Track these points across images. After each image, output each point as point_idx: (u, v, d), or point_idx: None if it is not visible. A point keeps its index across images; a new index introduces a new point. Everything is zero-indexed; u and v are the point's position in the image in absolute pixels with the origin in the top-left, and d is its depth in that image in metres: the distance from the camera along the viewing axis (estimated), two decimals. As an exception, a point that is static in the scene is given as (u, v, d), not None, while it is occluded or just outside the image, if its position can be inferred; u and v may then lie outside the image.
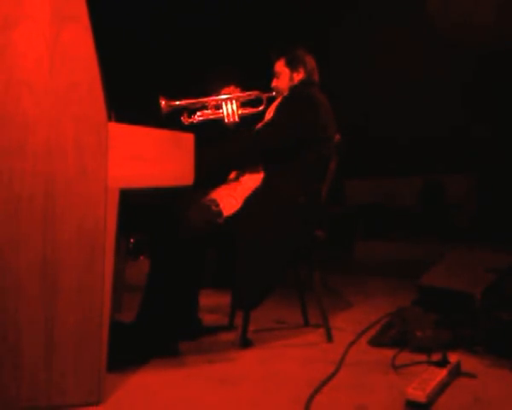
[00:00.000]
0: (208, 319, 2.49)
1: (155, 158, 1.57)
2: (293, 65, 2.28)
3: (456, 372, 1.69)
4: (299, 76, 2.28)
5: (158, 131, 1.59)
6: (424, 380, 1.51)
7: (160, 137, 1.59)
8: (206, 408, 1.51)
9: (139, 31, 5.40)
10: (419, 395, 1.42)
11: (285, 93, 2.26)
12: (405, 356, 1.92)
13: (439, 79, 5.46)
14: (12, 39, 1.42)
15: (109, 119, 1.52)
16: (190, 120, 2.23)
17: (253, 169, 2.15)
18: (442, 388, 1.56)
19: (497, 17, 5.11)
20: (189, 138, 1.63)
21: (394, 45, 5.54)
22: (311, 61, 2.32)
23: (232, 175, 2.24)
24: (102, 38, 1.59)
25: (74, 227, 1.47)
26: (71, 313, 1.46)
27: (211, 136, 2.18)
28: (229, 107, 2.23)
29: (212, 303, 2.85)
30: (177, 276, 2.01)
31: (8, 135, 1.42)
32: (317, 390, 1.59)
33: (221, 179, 2.21)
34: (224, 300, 2.69)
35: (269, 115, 2.24)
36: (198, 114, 2.25)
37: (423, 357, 1.88)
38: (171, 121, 2.12)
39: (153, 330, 2.00)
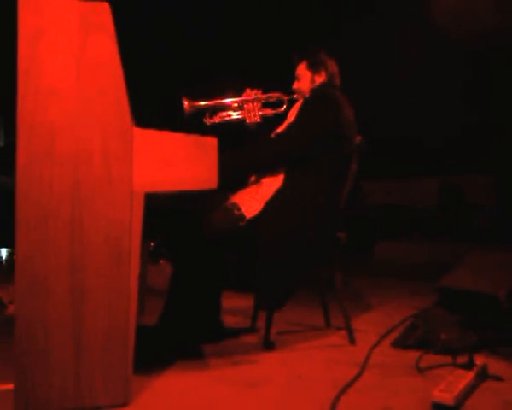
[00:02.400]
0: (230, 321, 2.50)
1: (180, 162, 1.59)
2: (314, 68, 2.28)
3: (483, 375, 1.67)
4: (320, 79, 2.29)
5: (182, 135, 1.61)
6: (451, 383, 1.50)
7: (184, 141, 1.61)
8: (233, 410, 1.52)
9: (158, 32, 5.46)
10: (446, 397, 1.41)
11: (306, 95, 2.27)
12: (430, 358, 1.91)
13: (455, 77, 5.41)
14: (41, 49, 1.45)
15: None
16: (212, 121, 2.25)
17: (274, 171, 2.16)
18: (469, 391, 1.55)
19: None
20: (212, 142, 1.65)
21: (407, 45, 5.51)
22: (332, 65, 2.32)
23: (253, 177, 2.25)
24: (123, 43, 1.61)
25: (101, 232, 1.49)
26: (98, 317, 1.49)
27: (233, 136, 2.19)
28: (250, 108, 2.25)
29: (234, 306, 2.86)
30: (199, 279, 2.02)
31: (37, 142, 1.45)
32: (342, 392, 1.58)
33: (243, 183, 2.22)
34: (245, 302, 2.70)
35: (291, 117, 2.24)
36: (220, 114, 2.27)
37: (448, 359, 1.86)
38: (192, 122, 2.14)
39: (176, 333, 2.02)
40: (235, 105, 2.27)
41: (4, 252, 5.01)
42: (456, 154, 5.51)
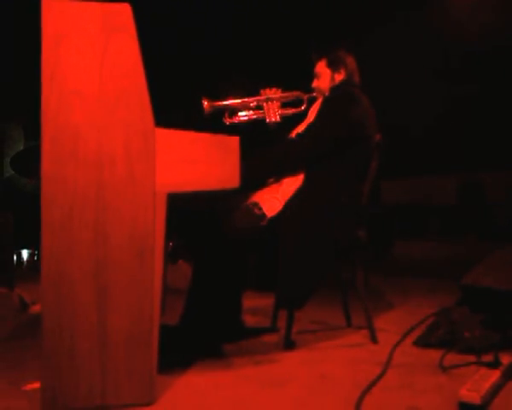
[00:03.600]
0: (250, 320, 2.51)
1: (202, 162, 1.59)
2: (334, 66, 2.27)
3: (509, 374, 1.65)
4: (340, 77, 2.27)
5: (204, 135, 1.61)
6: (477, 381, 1.48)
7: (206, 140, 1.61)
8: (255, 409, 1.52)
9: (178, 34, 5.49)
10: (473, 396, 1.39)
11: (326, 94, 2.26)
12: (453, 357, 1.89)
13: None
14: (64, 52, 1.47)
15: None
16: (232, 121, 2.25)
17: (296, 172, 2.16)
18: (496, 390, 1.52)
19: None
20: (234, 141, 1.65)
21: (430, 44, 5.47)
22: (352, 62, 2.30)
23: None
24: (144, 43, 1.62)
25: (125, 232, 1.50)
26: (122, 316, 1.50)
27: (252, 136, 2.19)
28: (270, 107, 2.25)
29: (255, 305, 2.86)
30: (220, 278, 2.02)
31: (61, 144, 1.47)
32: (366, 391, 1.57)
33: (264, 182, 2.21)
34: (266, 302, 2.70)
35: (311, 116, 2.24)
36: (239, 114, 2.27)
37: (472, 358, 1.84)
38: (212, 121, 2.14)
39: (197, 332, 2.02)
40: (255, 105, 2.27)
41: (25, 253, 5.08)
42: (477, 151, 5.45)
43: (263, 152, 2.15)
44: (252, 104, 2.27)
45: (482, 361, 1.73)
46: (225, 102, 2.23)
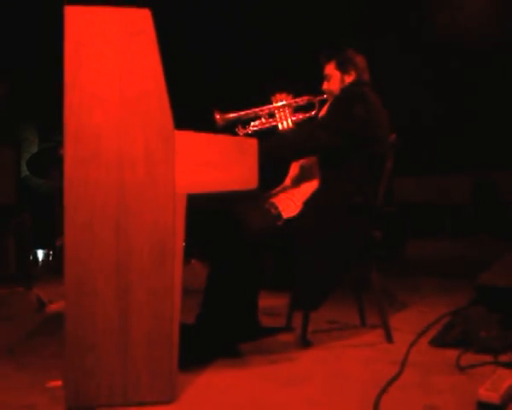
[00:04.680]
0: (266, 320, 2.53)
1: (220, 163, 1.62)
2: (343, 67, 2.27)
3: (527, 374, 1.65)
4: (350, 78, 2.27)
5: (222, 136, 1.64)
6: (496, 381, 1.49)
7: (224, 142, 1.64)
8: (273, 408, 1.54)
9: (188, 46, 5.53)
10: (492, 396, 1.40)
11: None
12: (470, 357, 1.89)
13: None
14: (86, 58, 1.50)
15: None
16: (245, 131, 2.26)
17: (309, 175, 2.17)
18: (515, 390, 1.53)
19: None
20: (252, 143, 1.67)
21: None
22: (361, 61, 2.30)
23: (288, 181, 2.27)
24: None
25: (145, 233, 1.53)
26: (143, 315, 1.53)
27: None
28: (282, 114, 2.26)
29: (270, 305, 2.88)
30: (236, 278, 2.04)
31: (83, 146, 1.50)
32: (383, 390, 1.59)
33: (276, 180, 2.23)
34: (281, 302, 2.72)
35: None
36: (252, 124, 2.28)
37: (489, 358, 1.85)
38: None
39: (213, 331, 2.05)
40: (267, 113, 2.28)
41: (41, 253, 5.14)
42: (490, 150, 5.42)
43: (279, 136, 2.15)
44: (264, 113, 2.28)
45: (499, 361, 1.74)
46: (237, 114, 2.24)
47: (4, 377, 1.77)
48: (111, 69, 1.52)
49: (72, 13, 1.51)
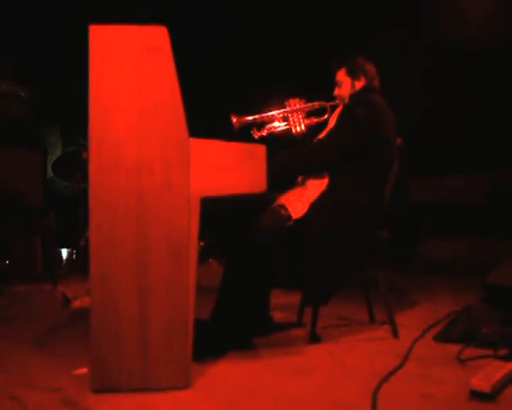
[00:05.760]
0: (278, 316, 2.65)
1: (232, 168, 1.75)
2: (354, 74, 2.37)
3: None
4: (360, 84, 2.37)
5: (233, 143, 1.77)
6: (489, 372, 1.57)
7: (235, 148, 1.77)
8: (283, 395, 1.65)
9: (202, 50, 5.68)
10: (484, 385, 1.49)
11: (347, 101, 2.37)
12: (471, 351, 1.97)
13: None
14: (108, 71, 1.64)
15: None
16: (260, 134, 2.38)
17: (317, 175, 2.28)
18: (508, 380, 1.61)
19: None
20: (261, 149, 1.80)
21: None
22: (371, 68, 2.40)
23: (299, 179, 2.37)
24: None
25: (162, 233, 1.67)
26: (161, 309, 1.66)
27: (281, 147, 2.32)
28: (295, 118, 2.38)
29: (282, 302, 3.00)
30: (249, 277, 2.14)
31: (105, 154, 1.65)
32: (384, 380, 1.69)
33: (287, 184, 2.34)
34: (292, 299, 2.84)
35: (331, 123, 2.36)
36: (267, 127, 2.40)
37: (489, 352, 1.92)
38: (240, 136, 2.28)
39: (227, 327, 2.16)
40: (281, 117, 2.40)
41: (65, 252, 5.35)
42: (506, 150, 5.42)
43: (291, 151, 2.27)
44: (278, 117, 2.39)
45: (498, 355, 1.82)
46: (253, 117, 2.36)
47: (35, 365, 1.93)
48: (130, 82, 1.66)
49: (95, 31, 1.66)
